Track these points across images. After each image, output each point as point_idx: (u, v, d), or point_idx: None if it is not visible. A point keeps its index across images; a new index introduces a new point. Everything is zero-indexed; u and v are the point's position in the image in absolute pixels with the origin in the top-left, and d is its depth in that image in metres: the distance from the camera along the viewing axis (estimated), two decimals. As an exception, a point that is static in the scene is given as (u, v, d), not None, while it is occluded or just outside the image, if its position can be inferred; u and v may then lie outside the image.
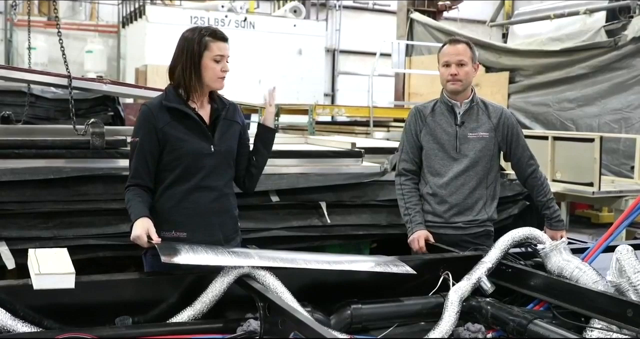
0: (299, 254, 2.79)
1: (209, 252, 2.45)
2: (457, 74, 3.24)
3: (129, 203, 2.68)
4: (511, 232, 2.76)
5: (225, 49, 2.77)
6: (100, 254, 3.42)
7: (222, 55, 2.76)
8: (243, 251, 2.64)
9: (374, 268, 2.60)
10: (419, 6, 13.49)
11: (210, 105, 2.86)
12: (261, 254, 2.57)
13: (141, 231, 2.53)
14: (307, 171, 4.07)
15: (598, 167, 6.61)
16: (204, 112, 2.83)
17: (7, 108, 6.28)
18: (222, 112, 2.84)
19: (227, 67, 2.79)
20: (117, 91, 5.06)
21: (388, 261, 2.70)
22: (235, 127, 2.90)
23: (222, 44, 2.76)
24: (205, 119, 2.82)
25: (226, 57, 2.78)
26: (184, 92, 2.78)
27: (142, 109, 2.79)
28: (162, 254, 2.32)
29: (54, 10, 4.78)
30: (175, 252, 2.38)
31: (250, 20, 15.81)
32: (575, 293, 2.39)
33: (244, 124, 2.98)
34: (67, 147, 3.65)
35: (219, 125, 2.82)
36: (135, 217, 2.60)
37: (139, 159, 2.74)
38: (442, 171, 3.31)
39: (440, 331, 2.36)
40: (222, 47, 2.76)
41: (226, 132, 2.85)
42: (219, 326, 2.22)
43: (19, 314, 2.09)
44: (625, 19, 10.27)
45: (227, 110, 2.88)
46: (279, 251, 2.83)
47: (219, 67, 2.76)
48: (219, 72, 2.76)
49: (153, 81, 12.76)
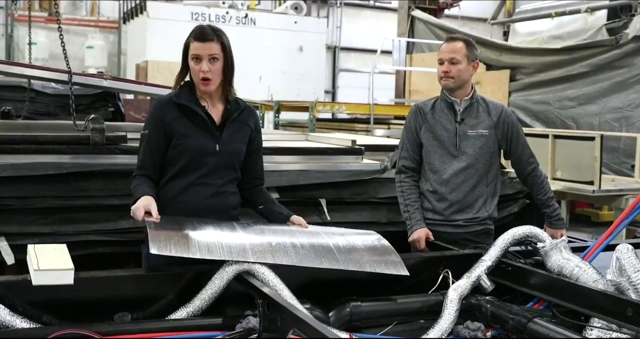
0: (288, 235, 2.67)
1: (200, 242, 2.39)
2: (449, 71, 3.25)
3: (135, 187, 2.71)
4: (511, 231, 2.75)
5: (200, 48, 2.71)
6: (99, 250, 3.43)
7: (198, 54, 2.71)
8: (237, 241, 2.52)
9: (365, 267, 2.53)
10: (420, 4, 13.47)
11: (224, 105, 2.86)
12: (253, 243, 2.49)
13: (142, 203, 2.54)
14: (307, 168, 4.07)
15: (598, 166, 6.61)
16: (216, 111, 2.84)
17: (8, 103, 6.28)
18: (234, 114, 2.85)
19: (206, 68, 2.70)
20: (118, 86, 5.08)
21: (377, 245, 2.69)
22: (245, 130, 2.90)
23: (198, 44, 2.71)
24: (216, 118, 2.83)
25: (205, 57, 2.71)
26: (192, 89, 2.82)
27: (153, 104, 2.88)
28: (151, 245, 2.30)
29: (55, 6, 4.79)
30: (166, 243, 2.34)
31: (251, 17, 15.81)
32: (575, 291, 2.39)
33: (256, 129, 2.97)
34: (67, 143, 3.65)
35: (229, 126, 2.83)
36: (140, 194, 2.61)
37: (146, 151, 2.81)
38: (442, 168, 3.31)
39: (440, 329, 2.36)
40: (197, 46, 2.72)
41: (235, 134, 2.85)
42: (218, 322, 2.22)
43: (18, 310, 2.09)
44: (627, 17, 10.25)
45: (241, 112, 2.88)
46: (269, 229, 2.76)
47: (198, 68, 2.72)
48: (198, 73, 2.73)
49: (153, 77, 12.77)
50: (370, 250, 2.68)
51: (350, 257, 2.56)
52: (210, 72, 2.73)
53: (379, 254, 2.66)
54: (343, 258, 2.53)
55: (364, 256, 2.60)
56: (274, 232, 2.67)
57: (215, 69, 2.74)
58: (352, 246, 2.65)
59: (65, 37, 4.23)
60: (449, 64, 3.24)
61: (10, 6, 16.12)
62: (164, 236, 2.38)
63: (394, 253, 2.67)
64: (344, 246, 2.63)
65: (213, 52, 2.72)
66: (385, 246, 2.73)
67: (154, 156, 2.79)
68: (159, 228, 2.45)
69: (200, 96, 2.83)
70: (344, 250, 2.60)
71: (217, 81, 2.78)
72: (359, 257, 2.59)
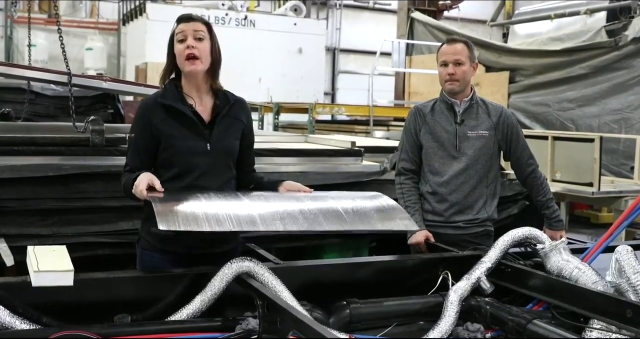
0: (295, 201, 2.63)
1: (208, 214, 2.34)
2: (455, 73, 3.24)
3: (129, 178, 2.60)
4: (511, 232, 2.75)
5: (185, 26, 2.64)
6: (99, 251, 3.43)
7: (182, 31, 2.64)
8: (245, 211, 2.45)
9: (376, 226, 2.52)
10: (419, 5, 13.50)
11: (212, 101, 2.75)
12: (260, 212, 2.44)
13: (144, 178, 2.47)
14: (306, 169, 4.07)
15: (598, 168, 6.61)
16: (204, 108, 2.73)
17: (7, 105, 6.27)
18: (224, 110, 2.73)
19: (192, 43, 2.61)
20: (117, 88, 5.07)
21: (384, 205, 2.65)
22: (237, 125, 2.79)
23: (183, 25, 2.66)
24: (205, 116, 2.71)
25: (190, 34, 2.63)
26: (178, 87, 2.72)
27: (139, 105, 2.76)
28: (159, 221, 2.23)
29: (55, 8, 4.79)
30: (173, 217, 2.28)
31: (250, 19, 15.82)
32: (574, 293, 2.39)
33: (248, 123, 2.86)
34: (66, 144, 3.65)
35: (219, 122, 2.72)
36: (137, 175, 2.53)
37: (134, 155, 2.72)
38: (442, 170, 3.31)
39: (440, 330, 2.36)
40: (182, 27, 2.65)
41: (226, 131, 2.74)
42: (218, 324, 2.21)
43: (18, 311, 2.08)
44: (626, 19, 10.27)
45: (231, 107, 2.76)
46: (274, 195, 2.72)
47: (183, 47, 2.63)
48: (183, 51, 2.63)
49: (153, 79, 12.74)
50: (379, 210, 2.64)
51: (359, 219, 2.53)
52: (196, 49, 2.63)
53: (388, 213, 2.63)
54: (352, 219, 2.50)
55: (373, 216, 2.58)
56: (281, 199, 2.64)
57: (202, 47, 2.65)
58: (359, 208, 2.61)
59: (64, 38, 4.23)
60: (454, 66, 3.24)
61: (9, 8, 16.13)
62: (171, 211, 2.33)
63: (402, 211, 2.65)
64: (352, 208, 2.58)
65: (198, 29, 2.65)
66: (393, 206, 2.69)
67: (142, 160, 2.69)
68: (164, 203, 2.39)
69: (187, 94, 2.71)
70: (352, 212, 2.56)
71: (205, 61, 2.66)
72: (367, 218, 2.56)
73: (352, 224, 2.47)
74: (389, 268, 2.74)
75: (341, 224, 2.45)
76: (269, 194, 2.73)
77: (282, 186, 2.79)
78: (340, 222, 2.46)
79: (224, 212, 2.38)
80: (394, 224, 2.54)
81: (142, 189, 2.44)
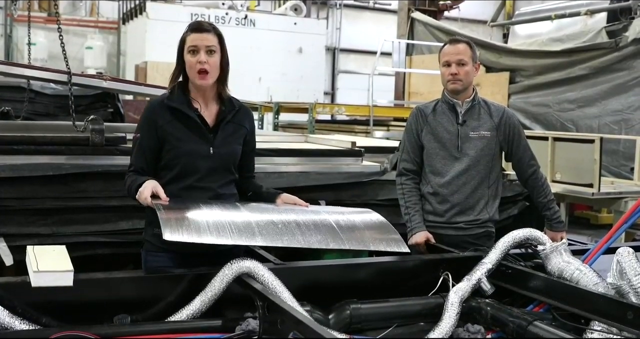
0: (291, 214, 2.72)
1: (210, 225, 2.43)
2: (458, 73, 3.23)
3: (133, 181, 2.65)
4: (511, 233, 2.75)
5: (198, 39, 2.66)
6: (99, 251, 3.42)
7: (195, 45, 2.65)
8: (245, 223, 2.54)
9: (369, 245, 2.61)
10: (419, 5, 13.49)
11: (218, 106, 2.80)
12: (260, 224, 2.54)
13: (149, 185, 2.53)
14: (306, 169, 4.07)
15: (598, 169, 6.60)
16: (209, 113, 2.78)
17: (7, 104, 6.26)
18: (229, 115, 2.79)
19: (203, 58, 2.64)
20: (117, 87, 5.06)
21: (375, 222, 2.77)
22: (240, 131, 2.84)
23: (195, 35, 2.67)
24: (209, 120, 2.76)
25: (202, 48, 2.65)
26: (185, 90, 2.76)
27: (146, 106, 2.81)
28: (164, 231, 2.30)
29: (55, 6, 4.78)
30: (178, 228, 2.35)
31: (250, 18, 15.81)
32: (575, 294, 2.39)
33: (251, 131, 2.92)
34: (66, 143, 3.64)
35: (223, 128, 2.77)
36: (142, 180, 2.59)
37: (138, 155, 2.75)
38: (444, 170, 3.31)
39: (440, 331, 2.35)
40: (194, 37, 2.66)
41: (230, 136, 2.79)
42: (218, 325, 2.21)
43: (17, 312, 2.08)
44: (627, 20, 10.26)
45: (236, 113, 2.81)
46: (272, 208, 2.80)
47: (195, 60, 2.66)
48: (194, 65, 2.66)
49: (153, 78, 12.76)
50: (371, 228, 2.73)
51: (353, 235, 2.62)
52: (207, 63, 2.66)
53: (380, 231, 2.72)
54: (346, 237, 2.59)
55: (365, 234, 2.65)
56: (278, 212, 2.71)
57: (212, 61, 2.68)
58: (352, 224, 2.71)
59: (64, 37, 4.22)
60: (457, 66, 3.23)
61: (9, 6, 16.11)
62: (175, 221, 2.40)
63: (393, 231, 2.72)
64: (345, 224, 2.68)
65: (210, 44, 2.67)
66: (384, 223, 2.77)
67: (147, 160, 2.74)
68: (169, 213, 2.45)
69: (194, 98, 2.76)
70: (346, 228, 2.66)
71: (214, 75, 2.71)
72: (360, 235, 2.64)
73: (347, 243, 2.58)
74: (389, 269, 2.74)
75: (337, 242, 2.56)
76: (267, 206, 2.82)
77: (279, 199, 2.89)
78: (336, 240, 2.57)
79: (225, 224, 2.47)
80: (387, 245, 2.65)
81: (147, 196, 2.51)
